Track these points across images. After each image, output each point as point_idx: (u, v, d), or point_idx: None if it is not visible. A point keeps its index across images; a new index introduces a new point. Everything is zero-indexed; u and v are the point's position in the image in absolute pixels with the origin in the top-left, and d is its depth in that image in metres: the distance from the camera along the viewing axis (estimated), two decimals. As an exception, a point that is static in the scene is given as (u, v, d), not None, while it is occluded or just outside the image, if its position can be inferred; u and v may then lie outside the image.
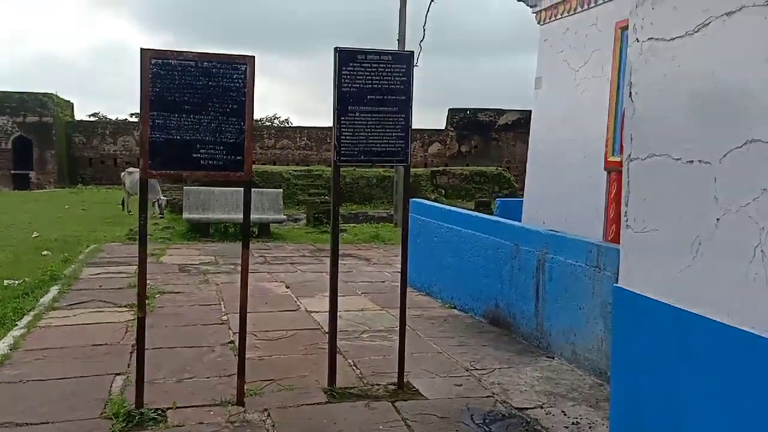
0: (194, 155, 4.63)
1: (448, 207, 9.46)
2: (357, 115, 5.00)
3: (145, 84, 4.47)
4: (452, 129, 38.00)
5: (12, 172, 31.60)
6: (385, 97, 5.08)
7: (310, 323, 7.38)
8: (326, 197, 21.99)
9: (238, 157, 4.72)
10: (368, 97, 5.03)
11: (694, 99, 3.21)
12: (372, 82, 5.03)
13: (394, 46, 18.57)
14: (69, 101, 35.15)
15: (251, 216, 4.72)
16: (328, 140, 35.32)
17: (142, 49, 4.50)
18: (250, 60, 4.68)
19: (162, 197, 18.49)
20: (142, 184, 4.68)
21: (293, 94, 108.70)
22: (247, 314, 4.99)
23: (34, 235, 14.28)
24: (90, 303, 7.96)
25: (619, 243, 7.72)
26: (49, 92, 32.49)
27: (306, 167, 28.36)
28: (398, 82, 5.11)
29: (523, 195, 9.74)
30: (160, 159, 4.57)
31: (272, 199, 15.29)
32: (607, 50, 7.65)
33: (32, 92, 31.85)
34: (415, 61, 5.52)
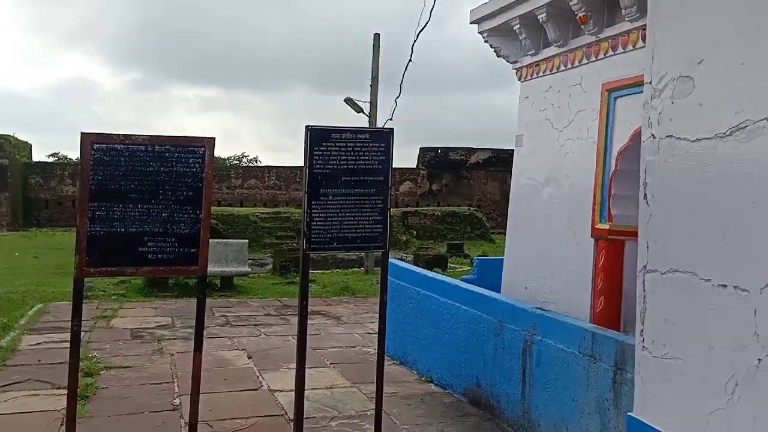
0: (141, 249, 4.05)
1: (424, 272, 8.93)
2: (330, 198, 4.50)
3: (85, 172, 3.90)
4: (423, 167, 37.80)
5: (-35, 215, 30.38)
6: (362, 178, 4.59)
7: (273, 407, 6.71)
8: (294, 243, 21.38)
9: (192, 250, 4.15)
10: (343, 178, 4.54)
11: (727, 213, 2.77)
12: (347, 162, 4.55)
13: (366, 87, 18.25)
14: (26, 142, 34.11)
15: (213, 268, 4.14)
16: (298, 179, 34.82)
17: (82, 134, 3.91)
18: (209, 142, 4.15)
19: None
20: (77, 286, 4.09)
21: (263, 129, 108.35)
22: (203, 396, 4.38)
23: (-23, 293, 13.38)
24: (24, 384, 7.19)
25: (608, 316, 7.37)
26: (5, 134, 31.44)
27: (274, 208, 27.75)
28: (376, 162, 4.63)
29: (492, 236, 9.26)
30: (99, 255, 3.98)
31: (236, 250, 14.63)
32: (593, 112, 7.29)
33: (-1, 135, 30.87)
34: (391, 115, 5.14)
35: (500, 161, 37.51)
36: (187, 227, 4.12)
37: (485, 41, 8.97)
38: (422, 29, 10.20)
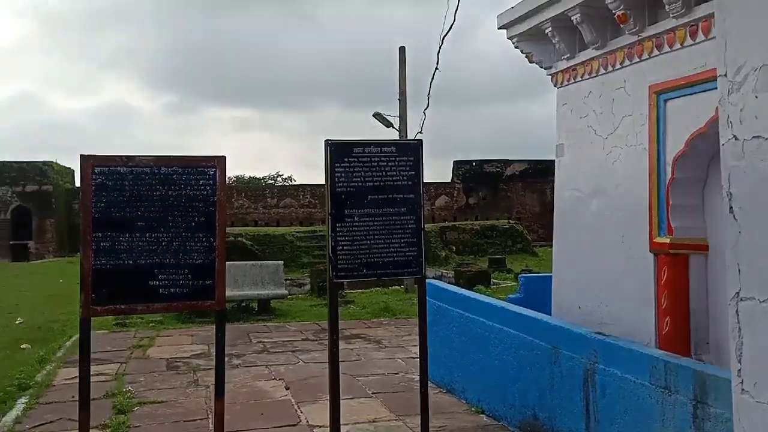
0: (151, 283, 3.64)
1: (467, 293, 8.37)
2: (356, 220, 4.05)
3: (87, 199, 3.51)
4: (459, 181, 37.20)
5: (11, 242, 30.83)
6: (390, 196, 4.13)
7: (311, 447, 6.25)
8: (332, 262, 20.94)
9: (208, 282, 3.72)
10: (369, 197, 4.09)
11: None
12: (373, 178, 4.10)
13: (395, 101, 17.84)
14: (69, 168, 34.57)
15: (250, 292, 3.68)
16: (333, 198, 34.30)
17: (81, 157, 3.53)
18: (220, 161, 3.73)
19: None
20: (83, 336, 3.70)
21: (296, 148, 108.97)
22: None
23: (17, 321, 13.28)
24: (56, 424, 6.86)
25: (676, 339, 6.70)
26: (49, 160, 31.94)
27: (310, 227, 27.46)
28: (405, 177, 4.17)
29: (534, 248, 8.65)
30: (107, 291, 3.59)
31: (272, 272, 14.26)
32: (640, 116, 6.70)
33: (32, 161, 31.31)
34: (420, 129, 4.64)
35: (537, 172, 36.70)
36: (201, 257, 3.70)
37: (515, 47, 8.44)
38: (446, 33, 9.72)
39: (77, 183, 35.91)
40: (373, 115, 17.93)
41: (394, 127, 17.84)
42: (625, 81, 7.02)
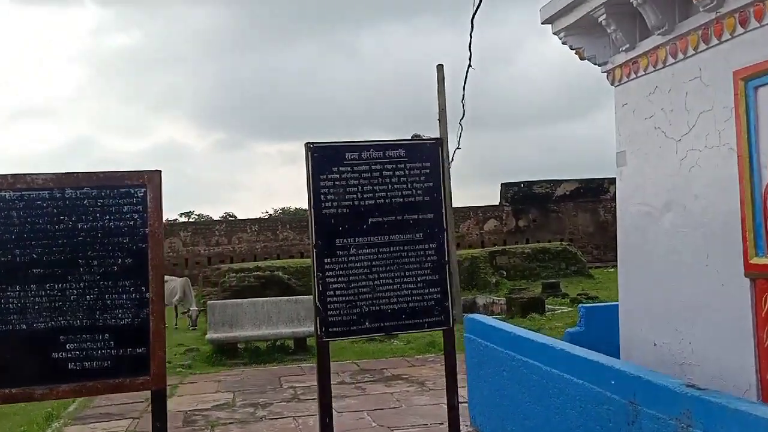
0: (55, 355, 2.53)
1: (518, 331, 7.00)
2: (352, 252, 2.87)
3: (-46, 239, 2.46)
4: (507, 204, 35.69)
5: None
6: (401, 217, 2.93)
7: None
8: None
9: (139, 350, 2.58)
10: (370, 220, 2.90)
11: None
12: (375, 194, 2.91)
13: (436, 125, 16.67)
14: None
15: (285, 330, 2.43)
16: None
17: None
18: (152, 178, 2.59)
19: (194, 307, 16.64)
20: None
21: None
22: None
23: None
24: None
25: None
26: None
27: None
28: (420, 191, 2.96)
29: (589, 271, 7.24)
30: (-10, 369, 2.51)
31: (309, 307, 13.14)
32: (723, 110, 5.34)
33: (80, 201, 31.36)
34: (457, 143, 3.45)
35: (589, 191, 34.96)
36: (128, 314, 2.56)
37: (563, 42, 7.14)
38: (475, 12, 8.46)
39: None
40: (412, 137, 16.81)
41: (434, 149, 16.66)
42: (700, 69, 5.67)
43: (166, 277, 19.27)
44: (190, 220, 41.81)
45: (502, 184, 36.30)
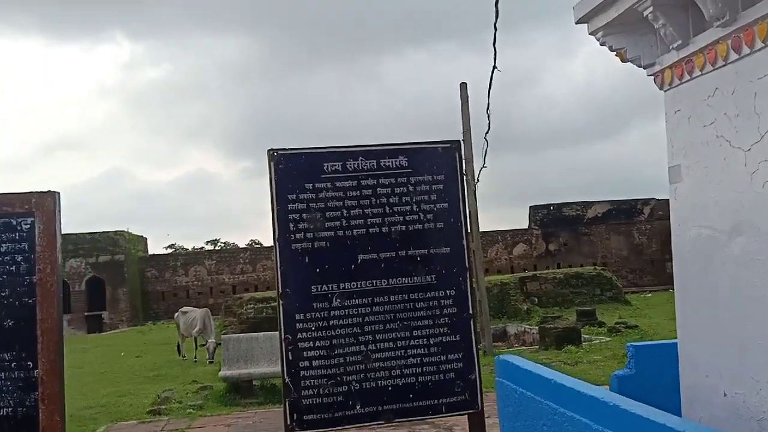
0: None
1: (557, 378, 6.00)
2: (335, 304, 2.02)
3: None
4: (536, 227, 34.53)
5: (85, 314, 30.26)
6: (404, 252, 2.08)
7: None
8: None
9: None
10: (361, 257, 2.06)
11: None
12: (367, 220, 2.06)
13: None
14: (141, 236, 34.14)
15: None
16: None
17: None
18: (42, 203, 1.80)
19: (212, 340, 15.83)
20: None
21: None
22: None
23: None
24: None
25: None
26: (120, 230, 31.56)
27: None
28: (432, 215, 2.11)
29: (625, 298, 6.20)
30: None
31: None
32: (805, 110, 4.43)
33: (104, 232, 30.97)
34: (483, 161, 2.61)
35: (622, 213, 33.68)
36: (7, 402, 1.73)
37: (601, 43, 6.28)
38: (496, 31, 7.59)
39: (152, 251, 35.51)
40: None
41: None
42: (771, 65, 4.77)
43: (186, 308, 18.57)
44: (216, 248, 41.29)
45: (530, 206, 35.19)
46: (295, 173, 2.09)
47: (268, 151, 2.01)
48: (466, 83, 15.72)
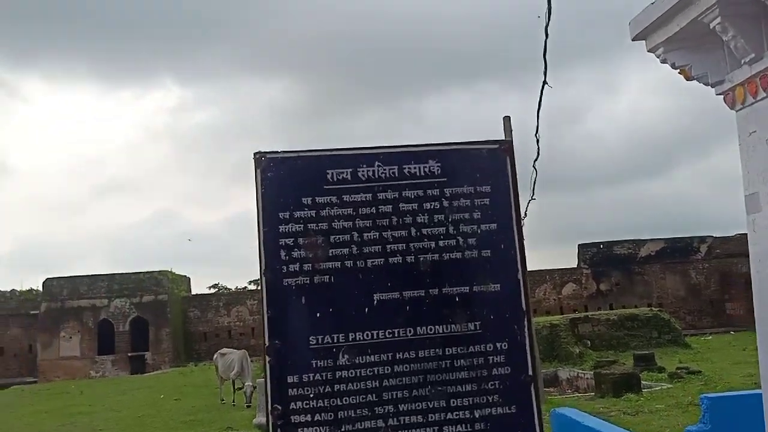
0: None
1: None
2: (342, 362, 1.48)
3: None
4: (586, 266, 33.30)
5: (129, 354, 30.17)
6: (437, 290, 1.53)
7: None
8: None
9: None
10: (378, 297, 1.52)
11: None
12: (386, 246, 1.52)
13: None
14: (184, 276, 34.08)
15: None
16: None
17: None
18: None
19: (249, 383, 15.31)
20: None
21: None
22: None
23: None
24: None
25: None
26: (164, 270, 31.57)
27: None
28: (475, 240, 1.56)
29: (685, 341, 5.40)
30: None
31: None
32: None
33: (148, 271, 31.01)
34: (531, 192, 2.12)
35: (677, 251, 32.26)
36: None
37: (662, 60, 5.70)
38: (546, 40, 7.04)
39: (196, 291, 35.48)
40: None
41: (506, 208, 15.10)
42: None
43: (225, 350, 18.14)
44: (258, 288, 41.13)
45: (579, 245, 34.03)
46: (289, 183, 1.58)
47: (255, 154, 1.52)
48: (509, 117, 15.17)
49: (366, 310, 1.52)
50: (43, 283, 30.47)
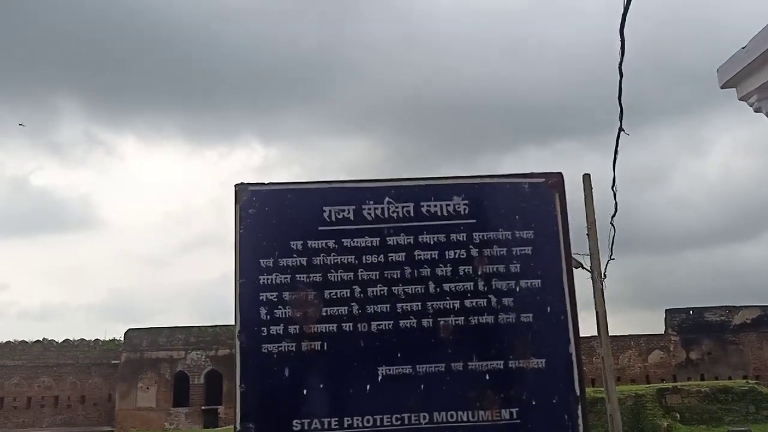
0: None
1: None
2: None
3: None
4: (674, 333, 31.34)
5: (202, 407, 30.27)
6: (461, 364, 1.21)
7: None
8: None
9: None
10: (382, 371, 1.19)
11: None
12: (396, 307, 1.22)
13: (583, 243, 14.43)
14: (261, 330, 34.39)
15: None
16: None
17: None
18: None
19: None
20: None
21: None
22: None
23: None
24: None
25: None
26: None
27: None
28: (512, 302, 1.24)
29: None
30: None
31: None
32: None
33: (225, 325, 31.36)
34: (610, 251, 1.86)
35: (774, 320, 30.01)
36: None
37: (756, 109, 5.09)
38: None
39: (270, 346, 35.46)
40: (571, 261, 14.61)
41: (584, 267, 14.36)
42: None
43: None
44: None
45: (666, 310, 32.14)
46: (275, 223, 1.27)
47: (235, 186, 1.24)
48: (589, 174, 14.60)
49: (368, 387, 1.17)
50: (125, 333, 31.26)
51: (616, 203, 8.95)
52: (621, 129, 4.49)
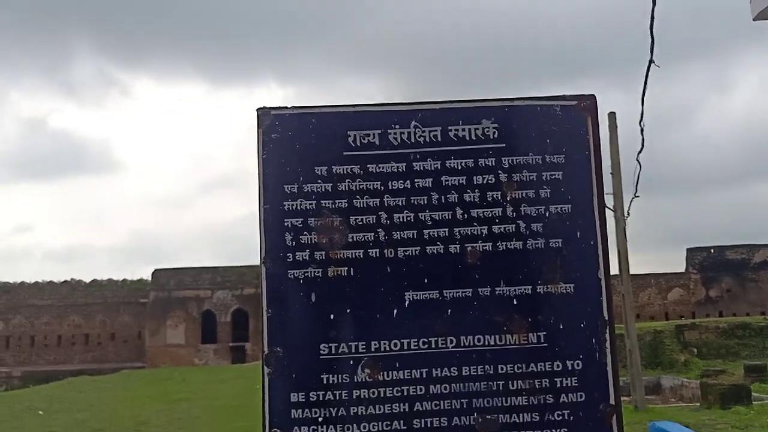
0: None
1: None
2: (361, 377, 1.16)
3: None
4: (694, 271, 31.32)
5: (230, 344, 31.18)
6: (488, 289, 1.18)
7: None
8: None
9: None
10: (410, 296, 1.18)
11: None
12: (422, 231, 1.18)
13: (607, 182, 14.30)
14: (286, 270, 34.97)
15: None
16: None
17: None
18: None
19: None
20: None
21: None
22: None
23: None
24: None
25: None
26: (265, 263, 32.55)
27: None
28: (541, 224, 1.19)
29: None
30: None
31: None
32: None
33: (250, 265, 31.92)
34: (635, 188, 1.75)
35: (796, 257, 29.81)
36: None
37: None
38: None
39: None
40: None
41: (607, 206, 14.30)
42: None
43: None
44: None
45: (687, 249, 32.03)
46: (299, 148, 1.25)
47: (257, 110, 1.22)
48: (614, 113, 14.40)
49: (395, 312, 1.18)
50: (152, 273, 31.96)
51: (642, 138, 8.79)
52: (651, 61, 4.34)
